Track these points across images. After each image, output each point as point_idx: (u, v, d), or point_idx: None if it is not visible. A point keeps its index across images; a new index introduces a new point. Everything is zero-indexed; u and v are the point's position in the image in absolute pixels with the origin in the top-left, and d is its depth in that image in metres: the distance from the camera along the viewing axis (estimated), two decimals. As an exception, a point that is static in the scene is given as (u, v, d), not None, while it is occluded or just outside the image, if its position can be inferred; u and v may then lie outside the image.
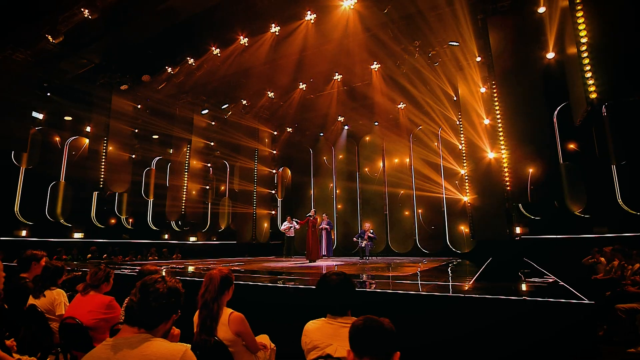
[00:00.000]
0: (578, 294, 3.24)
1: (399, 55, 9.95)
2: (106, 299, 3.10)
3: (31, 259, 3.89)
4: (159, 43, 9.76)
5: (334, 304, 2.07)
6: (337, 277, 2.10)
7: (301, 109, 12.81)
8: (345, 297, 2.07)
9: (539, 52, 7.21)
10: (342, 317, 2.03)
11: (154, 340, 1.36)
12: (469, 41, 9.22)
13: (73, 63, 11.17)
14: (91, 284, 3.15)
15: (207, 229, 16.48)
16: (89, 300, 3.10)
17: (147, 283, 1.46)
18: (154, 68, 10.93)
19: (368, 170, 15.07)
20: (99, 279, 3.17)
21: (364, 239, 11.61)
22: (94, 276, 3.17)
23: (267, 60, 9.70)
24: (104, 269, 3.22)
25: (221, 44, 9.29)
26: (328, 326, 2.04)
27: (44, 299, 3.51)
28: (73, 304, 3.14)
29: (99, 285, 3.18)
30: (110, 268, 3.28)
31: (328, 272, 2.17)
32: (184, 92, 12.04)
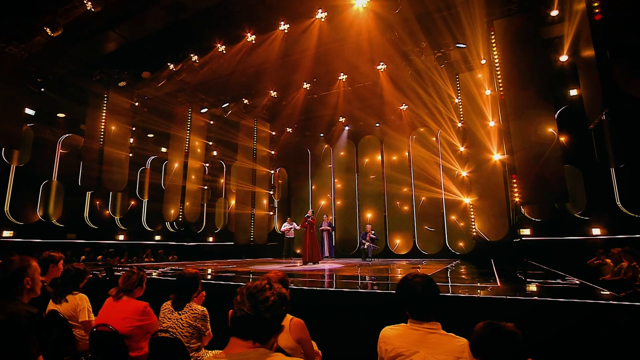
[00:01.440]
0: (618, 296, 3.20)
1: (405, 56, 9.91)
2: (141, 305, 2.90)
3: (49, 261, 3.64)
4: (162, 38, 9.46)
5: (419, 308, 1.93)
6: (421, 279, 1.97)
7: (303, 109, 12.65)
8: (432, 301, 1.94)
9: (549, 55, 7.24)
10: (428, 322, 1.90)
11: (275, 356, 1.21)
12: (475, 43, 9.26)
13: (69, 58, 10.76)
14: (124, 289, 2.94)
15: (203, 229, 16.13)
16: (122, 306, 2.89)
17: (255, 291, 1.31)
18: (154, 64, 10.62)
19: (367, 171, 14.99)
20: (132, 283, 2.96)
21: (366, 241, 11.51)
22: (126, 280, 2.96)
23: (272, 59, 9.51)
24: (137, 272, 3.01)
25: (227, 41, 9.07)
26: (412, 332, 1.90)
27: (66, 304, 3.28)
28: (105, 310, 2.92)
29: (132, 290, 2.98)
30: (143, 271, 3.07)
31: (410, 274, 2.04)
32: (183, 90, 11.74)
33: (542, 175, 7.86)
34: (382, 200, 14.59)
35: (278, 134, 15.68)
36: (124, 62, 10.90)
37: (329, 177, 15.80)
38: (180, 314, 2.76)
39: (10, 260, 2.10)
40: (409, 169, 14.19)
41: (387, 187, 14.52)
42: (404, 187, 14.23)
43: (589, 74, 5.85)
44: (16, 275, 2.07)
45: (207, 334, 2.83)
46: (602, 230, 9.69)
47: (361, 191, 15.10)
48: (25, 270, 2.11)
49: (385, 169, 14.62)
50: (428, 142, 13.74)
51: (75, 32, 9.44)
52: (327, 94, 11.85)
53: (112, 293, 2.93)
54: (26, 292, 2.12)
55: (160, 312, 2.87)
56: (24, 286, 2.10)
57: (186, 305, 2.80)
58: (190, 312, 2.77)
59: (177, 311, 2.78)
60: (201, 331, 2.77)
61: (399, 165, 14.42)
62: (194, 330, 2.74)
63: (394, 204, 14.37)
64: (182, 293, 2.86)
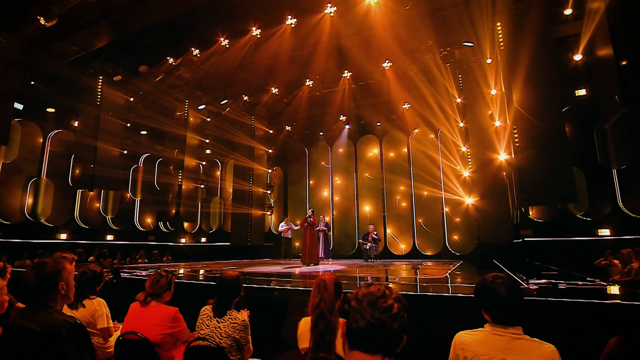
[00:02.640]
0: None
1: (410, 54, 9.83)
2: (172, 310, 2.69)
3: (60, 264, 3.36)
4: (162, 31, 9.15)
5: (503, 311, 1.80)
6: (503, 281, 1.84)
7: (304, 107, 12.44)
8: (517, 304, 1.81)
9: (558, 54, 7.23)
10: (512, 327, 1.77)
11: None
12: (481, 42, 9.23)
13: (61, 49, 10.33)
14: (152, 293, 2.72)
15: (197, 229, 15.79)
16: (151, 311, 2.67)
17: (374, 298, 1.14)
18: (151, 58, 10.29)
19: (367, 171, 14.88)
20: (161, 287, 2.75)
21: (368, 241, 11.39)
22: (155, 284, 2.74)
23: (276, 55, 9.30)
24: (166, 275, 2.80)
25: (231, 35, 8.82)
26: (496, 338, 1.77)
27: (83, 309, 3.04)
28: (132, 316, 2.70)
29: (161, 294, 2.76)
30: (172, 274, 2.85)
31: (489, 275, 1.91)
32: (180, 86, 11.40)
33: (549, 175, 7.86)
34: (381, 200, 14.50)
35: (276, 132, 15.44)
36: (119, 55, 10.54)
37: (327, 177, 15.64)
38: (219, 321, 2.56)
39: (43, 263, 1.88)
40: (409, 169, 14.14)
41: (387, 187, 14.44)
42: (404, 187, 14.17)
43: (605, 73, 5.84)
44: (50, 279, 1.85)
45: (248, 348, 2.61)
46: (605, 231, 9.78)
47: (360, 191, 14.98)
48: (60, 274, 1.89)
49: (385, 168, 14.53)
50: (429, 141, 13.72)
51: (69, 23, 9.07)
52: (330, 91, 11.69)
53: (140, 298, 2.70)
54: (60, 298, 1.90)
55: (199, 317, 2.66)
56: (59, 291, 1.88)
57: (227, 312, 2.60)
58: (230, 321, 2.56)
59: (217, 318, 2.57)
60: (240, 344, 2.56)
61: (399, 165, 14.35)
62: (233, 342, 2.52)
63: (393, 204, 14.30)
64: (223, 298, 2.65)
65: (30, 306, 1.83)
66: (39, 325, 1.70)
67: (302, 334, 2.23)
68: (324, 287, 2.21)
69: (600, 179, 10.08)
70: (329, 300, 2.18)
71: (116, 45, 10.23)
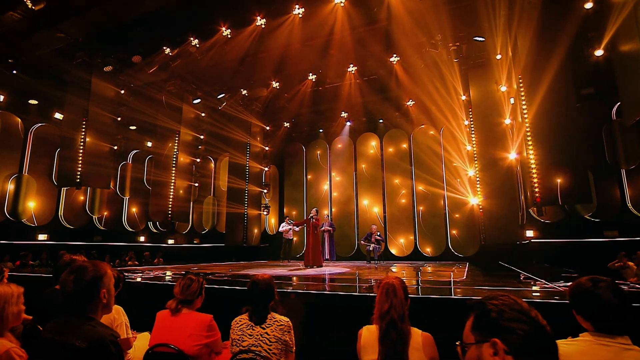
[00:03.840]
0: None
1: (418, 49, 9.72)
2: (206, 318, 2.47)
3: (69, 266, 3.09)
4: (158, 18, 8.80)
5: (610, 320, 1.65)
6: (607, 284, 1.70)
7: (304, 103, 12.23)
8: (625, 311, 1.67)
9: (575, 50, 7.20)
10: (620, 337, 1.62)
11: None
12: (492, 37, 9.18)
13: (47, 36, 9.88)
14: (184, 299, 2.49)
15: (189, 230, 15.41)
16: (184, 320, 2.44)
17: (521, 307, 1.00)
18: (146, 48, 9.91)
19: (367, 170, 14.74)
20: (193, 293, 2.52)
21: (371, 242, 11.26)
22: (186, 289, 2.51)
23: (281, 46, 9.05)
24: (197, 279, 2.57)
25: (234, 24, 8.53)
26: (602, 349, 1.62)
27: (99, 318, 2.77)
28: (162, 326, 2.46)
29: (193, 301, 2.54)
30: (203, 277, 2.62)
31: (586, 278, 1.76)
32: (175, 78, 11.05)
33: (564, 175, 7.85)
34: (382, 200, 14.38)
35: (273, 128, 15.17)
36: (110, 44, 10.13)
37: (325, 175, 15.44)
38: (264, 327, 2.35)
39: (82, 267, 1.64)
40: (411, 168, 14.06)
41: (387, 186, 14.33)
42: (405, 186, 14.09)
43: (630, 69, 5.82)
44: (91, 286, 1.62)
45: (292, 353, 2.43)
46: (615, 232, 9.85)
47: (360, 190, 14.83)
48: (102, 280, 1.66)
49: (386, 167, 14.41)
50: (433, 139, 13.65)
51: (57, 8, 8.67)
52: (333, 86, 11.50)
53: (170, 306, 2.47)
54: (101, 308, 1.67)
55: (233, 328, 2.44)
56: (100, 300, 1.64)
57: (267, 317, 2.40)
58: (276, 324, 2.38)
59: (259, 325, 2.36)
60: (289, 346, 2.38)
61: (400, 164, 14.24)
62: (283, 345, 2.35)
63: (394, 205, 14.20)
64: (260, 303, 2.45)
65: (68, 318, 1.59)
66: (83, 341, 1.47)
67: (367, 344, 2.04)
68: (393, 292, 2.04)
69: (608, 180, 10.16)
70: (400, 306, 2.01)
71: (107, 33, 9.86)
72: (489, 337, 1.03)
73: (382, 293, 2.07)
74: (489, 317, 1.06)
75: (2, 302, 1.98)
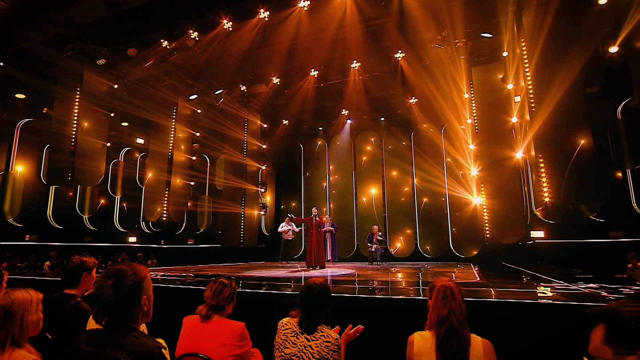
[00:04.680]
0: None
1: (424, 45, 9.65)
2: (239, 326, 2.30)
3: (81, 269, 2.90)
4: (155, 9, 8.56)
5: None
6: None
7: (304, 100, 12.05)
8: None
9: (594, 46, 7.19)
10: None
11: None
12: (499, 34, 9.16)
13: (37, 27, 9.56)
14: (215, 305, 2.32)
15: (183, 230, 15.11)
16: (215, 328, 2.27)
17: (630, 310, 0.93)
18: (141, 41, 9.65)
19: (367, 168, 14.64)
20: (225, 298, 2.35)
21: (373, 243, 11.16)
22: (218, 294, 2.34)
23: (283, 41, 8.89)
24: (229, 284, 2.40)
25: (236, 17, 8.33)
26: None
27: (115, 325, 2.59)
28: (190, 334, 2.28)
29: (224, 307, 2.37)
30: (235, 281, 2.46)
31: None
32: (172, 73, 10.80)
33: (574, 175, 7.86)
34: (382, 200, 14.29)
35: (271, 126, 14.97)
36: (104, 36, 9.84)
37: (324, 174, 15.31)
38: (309, 339, 2.18)
39: (121, 271, 1.46)
40: (412, 167, 14.00)
41: (388, 185, 14.25)
42: (406, 186, 14.03)
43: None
44: (132, 292, 1.44)
45: None
46: (620, 233, 9.90)
47: (359, 190, 14.72)
48: (142, 285, 1.49)
49: (386, 166, 14.33)
50: (435, 138, 13.60)
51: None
52: (334, 83, 11.36)
53: (201, 312, 2.29)
54: (142, 317, 1.50)
55: (279, 330, 2.27)
56: (141, 308, 1.47)
57: (317, 328, 2.22)
58: (323, 339, 2.16)
59: (306, 335, 2.19)
60: None
61: (401, 163, 14.17)
62: None
63: (394, 204, 14.12)
64: (312, 310, 2.25)
65: (108, 329, 1.42)
66: (128, 355, 1.30)
67: (422, 352, 1.90)
68: (451, 296, 1.90)
69: (613, 180, 10.20)
70: (459, 311, 1.88)
71: (101, 24, 9.56)
72: (634, 348, 0.90)
73: (439, 297, 1.94)
74: (629, 327, 0.94)
75: (21, 309, 1.80)
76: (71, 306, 2.77)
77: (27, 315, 1.82)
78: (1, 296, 1.82)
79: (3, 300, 1.79)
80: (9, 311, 1.77)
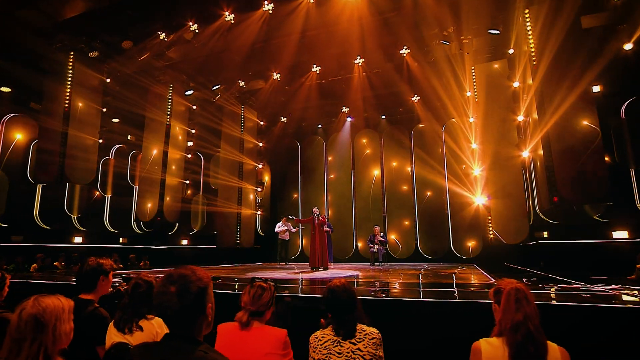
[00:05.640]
0: None
1: (428, 42, 9.59)
2: (281, 334, 2.15)
3: (98, 273, 2.73)
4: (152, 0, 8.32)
5: None
6: None
7: (304, 97, 11.91)
8: None
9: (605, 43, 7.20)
10: None
11: None
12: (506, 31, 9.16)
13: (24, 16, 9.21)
14: (256, 311, 2.17)
15: (176, 230, 14.81)
16: (257, 336, 2.12)
17: None
18: (137, 33, 9.37)
19: (366, 167, 14.55)
20: (265, 304, 2.20)
21: (375, 244, 11.09)
22: (257, 299, 2.18)
23: (286, 35, 8.72)
24: (269, 287, 2.25)
25: (238, 8, 8.12)
26: None
27: (139, 334, 2.43)
28: (229, 343, 2.12)
29: (264, 312, 2.21)
30: (274, 284, 2.31)
31: None
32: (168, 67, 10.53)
33: (583, 173, 7.88)
34: (382, 199, 14.22)
35: (268, 124, 14.77)
36: (96, 27, 9.52)
37: (322, 173, 15.17)
38: (354, 342, 2.06)
39: (185, 276, 1.30)
40: (412, 166, 13.96)
41: (388, 185, 14.18)
42: (406, 185, 13.99)
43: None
44: (199, 300, 1.29)
45: None
46: (623, 233, 9.99)
47: (358, 189, 14.63)
48: (207, 291, 1.33)
49: (386, 165, 14.26)
50: (437, 137, 13.58)
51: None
52: (336, 80, 11.23)
53: (241, 319, 2.13)
54: (205, 328, 1.35)
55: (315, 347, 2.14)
56: (206, 318, 1.32)
57: (357, 329, 2.12)
58: (367, 337, 2.09)
59: (349, 340, 2.07)
60: None
61: (401, 162, 14.12)
62: None
63: (394, 204, 14.06)
64: (344, 314, 2.16)
65: (171, 342, 1.26)
66: (200, 372, 1.15)
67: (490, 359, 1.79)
68: (525, 300, 1.79)
69: (617, 179, 10.29)
70: (535, 316, 1.77)
71: (94, 14, 9.25)
72: None
73: (510, 301, 1.82)
74: None
75: (54, 318, 1.62)
76: (89, 313, 2.58)
77: (59, 324, 1.64)
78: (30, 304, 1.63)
79: (33, 309, 1.61)
80: (41, 321, 1.59)
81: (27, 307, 1.61)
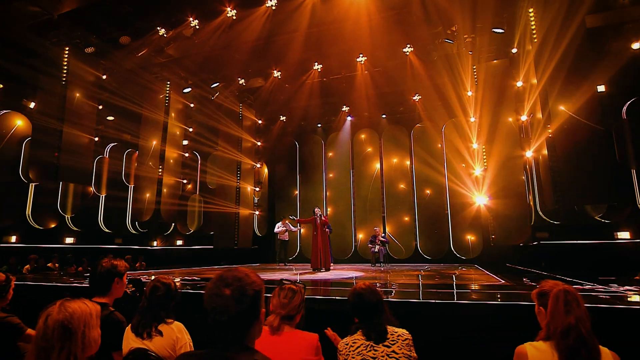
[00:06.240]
0: None
1: (432, 40, 9.56)
2: (313, 338, 2.08)
3: (112, 275, 2.61)
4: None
5: None
6: None
7: (304, 95, 11.81)
8: None
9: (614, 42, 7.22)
10: None
11: None
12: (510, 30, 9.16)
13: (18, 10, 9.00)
14: (287, 315, 2.08)
15: (172, 231, 14.63)
16: (289, 340, 2.04)
17: None
18: (135, 28, 9.20)
19: (366, 167, 14.50)
20: (296, 307, 2.12)
21: (376, 244, 11.04)
22: (288, 303, 2.10)
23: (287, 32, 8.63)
24: (299, 290, 2.17)
25: (240, 4, 8.00)
26: None
27: (159, 339, 2.33)
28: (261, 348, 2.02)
29: (295, 316, 2.13)
30: (304, 287, 2.23)
31: None
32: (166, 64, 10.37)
33: (588, 174, 7.90)
34: (381, 199, 14.18)
35: (267, 122, 14.64)
36: (93, 21, 9.33)
37: (320, 173, 15.09)
38: (387, 345, 1.99)
39: (239, 279, 1.21)
40: (412, 166, 13.94)
41: (387, 185, 14.15)
42: (406, 185, 13.97)
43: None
44: (254, 304, 1.21)
45: None
46: (625, 234, 10.05)
47: (357, 189, 14.58)
48: (261, 295, 1.25)
49: (386, 165, 14.23)
50: (438, 136, 13.57)
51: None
52: (337, 78, 11.15)
53: (272, 324, 2.05)
54: (257, 334, 1.26)
55: (347, 354, 2.06)
56: (260, 323, 1.24)
57: (388, 331, 2.05)
58: (400, 339, 2.02)
59: (382, 343, 2.00)
60: None
61: (401, 162, 14.10)
62: None
63: (394, 204, 14.03)
64: (372, 317, 2.09)
65: (224, 351, 1.17)
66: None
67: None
68: (575, 302, 1.73)
69: (618, 179, 10.35)
70: (587, 319, 1.71)
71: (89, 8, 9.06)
72: None
73: (559, 303, 1.76)
74: None
75: (82, 324, 1.52)
76: (104, 317, 2.45)
77: (88, 331, 1.54)
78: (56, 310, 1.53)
79: (59, 315, 1.50)
80: (69, 327, 1.48)
81: (53, 313, 1.51)
